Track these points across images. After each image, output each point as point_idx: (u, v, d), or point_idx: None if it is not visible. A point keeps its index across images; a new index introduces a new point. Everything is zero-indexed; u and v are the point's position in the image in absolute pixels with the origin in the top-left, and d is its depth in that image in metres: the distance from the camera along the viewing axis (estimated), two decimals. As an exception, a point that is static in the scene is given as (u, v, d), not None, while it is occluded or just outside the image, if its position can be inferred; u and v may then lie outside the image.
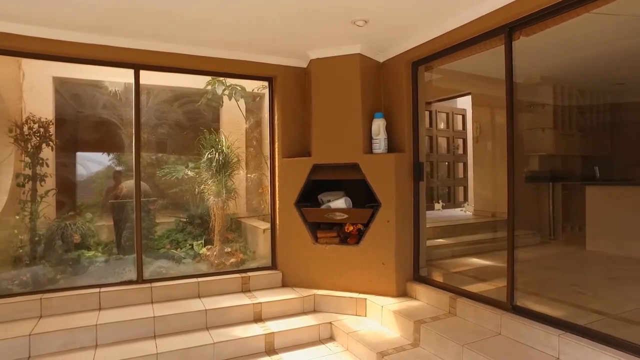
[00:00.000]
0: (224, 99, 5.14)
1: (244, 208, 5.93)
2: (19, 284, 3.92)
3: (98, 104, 5.63)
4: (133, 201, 4.00)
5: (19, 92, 5.06)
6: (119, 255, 4.62)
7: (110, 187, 6.17)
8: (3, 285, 3.83)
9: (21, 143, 4.12)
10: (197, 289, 3.99)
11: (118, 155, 6.33)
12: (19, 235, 4.46)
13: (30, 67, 5.12)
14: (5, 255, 4.21)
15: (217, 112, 6.18)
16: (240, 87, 5.00)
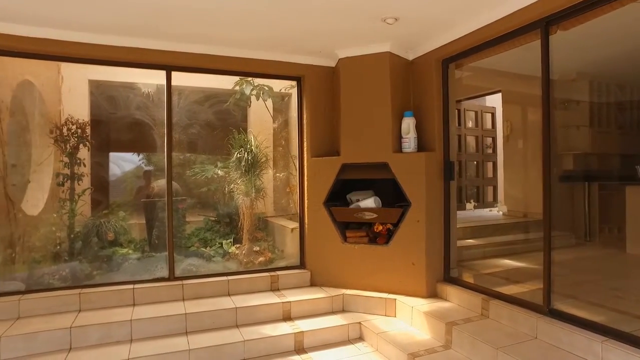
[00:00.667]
0: (252, 99, 5.19)
1: (271, 207, 5.98)
2: (59, 278, 4.08)
3: (131, 105, 5.79)
4: (164, 200, 4.09)
5: (58, 95, 5.27)
6: (150, 252, 4.74)
7: (140, 186, 6.34)
8: (45, 280, 3.99)
9: (61, 144, 4.27)
10: (227, 287, 4.04)
11: (148, 155, 6.49)
12: (59, 232, 4.64)
13: (68, 71, 5.31)
14: (46, 251, 4.38)
15: (245, 112, 6.26)
16: (267, 87, 5.04)
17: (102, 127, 5.93)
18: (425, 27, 3.63)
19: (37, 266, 4.22)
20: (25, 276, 3.97)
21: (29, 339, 3.11)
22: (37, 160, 4.80)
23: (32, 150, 4.70)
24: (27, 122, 4.56)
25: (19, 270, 4.00)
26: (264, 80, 4.92)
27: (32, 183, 4.65)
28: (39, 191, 4.73)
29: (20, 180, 4.42)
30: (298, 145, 4.56)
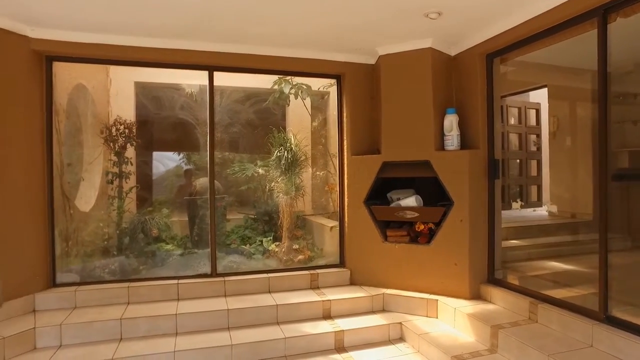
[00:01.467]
0: (291, 97, 5.22)
1: (309, 206, 6.00)
2: (108, 272, 4.27)
3: (174, 105, 5.98)
4: (206, 198, 4.19)
5: (107, 97, 5.51)
6: (192, 249, 4.86)
7: (182, 184, 6.53)
8: (96, 273, 4.19)
9: (110, 143, 4.45)
10: (268, 285, 4.09)
11: (189, 154, 6.67)
12: (108, 228, 4.85)
13: (116, 74, 5.55)
14: (97, 246, 4.59)
15: (284, 111, 6.31)
16: (305, 86, 5.06)
17: (147, 127, 6.14)
18: (470, 20, 3.53)
19: (89, 260, 4.43)
20: (78, 269, 4.18)
21: (85, 327, 3.28)
22: (88, 159, 5.03)
23: (84, 150, 4.93)
24: (80, 124, 4.78)
25: (73, 263, 4.22)
26: (302, 79, 4.94)
27: (84, 181, 4.88)
28: (90, 189, 4.96)
29: (74, 179, 4.64)
30: (338, 144, 4.55)
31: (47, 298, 3.58)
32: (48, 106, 3.75)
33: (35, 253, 3.62)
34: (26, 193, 3.55)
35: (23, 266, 3.51)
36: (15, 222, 3.46)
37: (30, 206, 3.58)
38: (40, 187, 3.68)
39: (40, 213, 3.67)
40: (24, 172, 3.53)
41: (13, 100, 3.45)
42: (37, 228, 3.64)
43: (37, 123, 3.66)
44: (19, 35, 3.48)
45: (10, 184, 3.43)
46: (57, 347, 3.19)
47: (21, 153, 3.52)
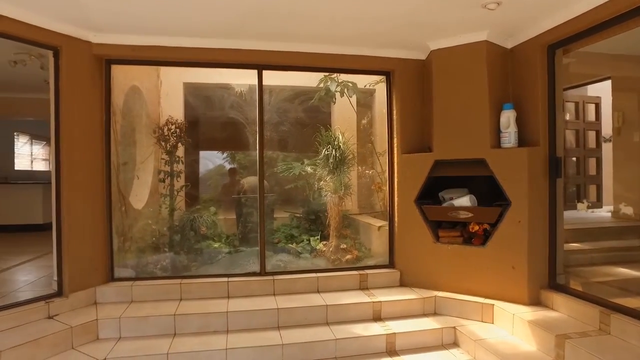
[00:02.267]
0: (337, 95, 5.17)
1: (355, 205, 5.93)
2: (160, 268, 4.38)
3: (222, 105, 6.08)
4: (253, 196, 4.21)
5: (157, 98, 5.69)
6: (240, 247, 4.91)
7: (225, 183, 6.64)
8: (149, 268, 4.31)
9: (162, 142, 4.58)
10: (317, 284, 4.05)
11: (232, 153, 6.79)
12: (159, 225, 5.00)
13: (166, 76, 5.72)
14: (148, 243, 4.73)
15: (329, 109, 6.28)
16: (351, 84, 4.99)
17: (195, 126, 6.30)
18: (531, 10, 3.33)
19: (142, 255, 4.57)
20: (133, 264, 4.33)
21: (142, 322, 3.37)
22: (141, 158, 5.21)
23: (136, 149, 5.11)
24: (134, 124, 4.96)
25: (127, 259, 4.37)
26: (348, 77, 4.87)
27: (137, 179, 5.05)
28: (142, 187, 5.13)
29: (127, 177, 4.82)
30: (387, 142, 4.45)
31: (106, 291, 3.73)
32: (107, 107, 3.90)
33: (96, 248, 3.78)
34: (88, 191, 3.71)
35: (86, 260, 3.67)
36: (79, 218, 3.62)
37: (91, 203, 3.74)
38: (100, 185, 3.83)
39: (100, 210, 3.83)
40: (87, 171, 3.70)
41: (78, 103, 3.62)
42: (98, 224, 3.80)
43: (98, 124, 3.82)
44: (83, 41, 3.64)
45: (76, 183, 3.59)
46: (117, 339, 3.30)
47: (85, 153, 3.68)
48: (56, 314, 3.38)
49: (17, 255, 5.46)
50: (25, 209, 7.77)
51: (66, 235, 3.54)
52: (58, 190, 3.55)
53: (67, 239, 3.54)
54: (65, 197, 3.54)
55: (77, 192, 3.60)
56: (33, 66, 5.20)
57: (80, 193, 3.64)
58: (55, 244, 3.58)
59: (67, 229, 3.54)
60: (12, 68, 5.73)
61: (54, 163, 3.58)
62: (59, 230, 3.55)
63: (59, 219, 3.55)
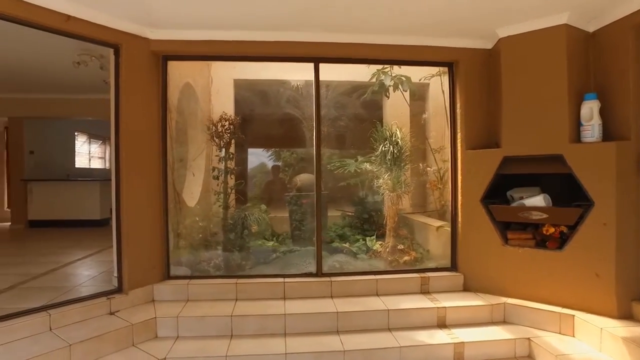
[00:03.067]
0: (390, 90, 4.95)
1: (407, 203, 5.68)
2: (213, 266, 4.34)
3: (273, 101, 6.01)
4: (307, 194, 4.07)
5: (208, 95, 5.69)
6: (294, 247, 4.80)
7: (269, 180, 6.57)
8: (202, 266, 4.28)
9: (216, 139, 4.53)
10: (375, 287, 3.86)
11: (277, 150, 6.71)
12: (212, 223, 4.98)
13: (217, 72, 5.71)
14: (201, 241, 4.72)
15: (381, 104, 6.07)
16: (405, 77, 4.76)
17: (246, 123, 6.26)
18: (623, -13, 2.97)
19: (195, 253, 4.56)
20: (187, 262, 4.31)
21: (199, 322, 3.32)
22: (193, 155, 5.22)
23: (189, 147, 5.11)
24: (187, 121, 4.96)
25: (182, 256, 4.36)
26: (403, 70, 4.64)
27: (190, 176, 5.06)
28: (195, 184, 5.14)
29: (182, 174, 4.82)
30: (450, 137, 4.17)
31: (163, 289, 3.71)
32: (163, 104, 3.88)
33: (154, 246, 3.77)
34: (147, 188, 3.71)
35: (144, 258, 3.67)
36: (137, 216, 3.63)
37: (149, 201, 3.74)
38: (157, 183, 3.82)
39: (157, 208, 3.82)
40: (144, 168, 3.70)
41: (137, 100, 3.63)
42: (155, 222, 3.79)
43: (155, 121, 3.81)
44: (141, 38, 3.64)
45: (134, 180, 3.60)
46: (175, 338, 3.26)
47: (142, 150, 3.68)
48: (117, 310, 3.39)
49: (79, 249, 5.64)
50: (85, 205, 8.10)
51: (125, 232, 3.55)
52: (117, 187, 3.57)
53: (127, 236, 3.55)
54: (124, 195, 3.55)
55: (135, 190, 3.61)
56: (93, 67, 5.34)
57: (138, 190, 3.64)
58: (115, 241, 3.61)
59: (126, 226, 3.55)
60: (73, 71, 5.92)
61: (113, 160, 3.60)
62: (118, 227, 3.57)
63: (118, 217, 3.57)
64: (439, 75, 4.77)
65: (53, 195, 8.09)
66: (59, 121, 9.04)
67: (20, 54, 5.24)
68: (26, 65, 5.97)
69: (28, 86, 7.34)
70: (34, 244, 6.35)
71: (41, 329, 2.99)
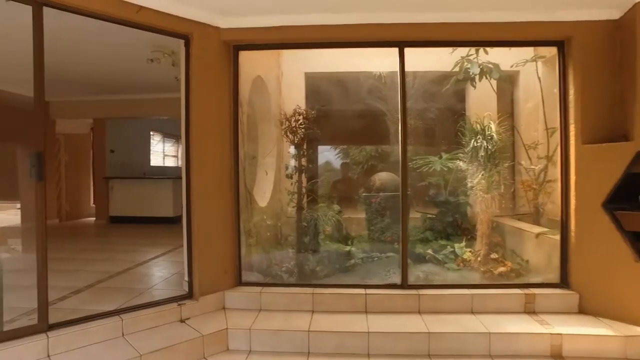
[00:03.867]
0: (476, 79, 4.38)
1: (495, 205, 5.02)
2: (285, 271, 4.05)
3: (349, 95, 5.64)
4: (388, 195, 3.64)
5: (279, 89, 5.44)
6: (373, 252, 4.37)
7: (337, 179, 6.18)
8: (273, 271, 4.00)
9: (289, 135, 4.24)
10: (470, 303, 3.33)
11: (346, 147, 6.32)
12: (283, 225, 4.71)
13: (287, 66, 5.44)
14: (273, 244, 4.46)
15: (462, 96, 5.46)
16: (493, 65, 4.16)
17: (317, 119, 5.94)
18: None
19: (267, 257, 4.30)
20: (258, 266, 4.06)
21: (273, 336, 3.02)
22: (264, 152, 4.98)
23: (259, 143, 4.88)
24: (259, 116, 4.73)
25: (253, 261, 4.12)
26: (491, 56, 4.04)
27: (262, 175, 4.82)
28: (266, 183, 4.89)
29: (252, 172, 4.60)
30: (560, 130, 3.51)
31: (235, 297, 3.46)
32: (234, 98, 3.64)
33: (225, 250, 3.54)
34: (218, 188, 3.49)
35: (215, 262, 3.45)
36: (208, 217, 3.41)
37: (220, 201, 3.51)
38: (228, 182, 3.58)
39: (229, 208, 3.59)
40: (217, 166, 3.48)
41: (208, 93, 3.43)
42: (226, 224, 3.56)
43: (226, 115, 3.57)
44: (212, 27, 3.42)
45: (205, 178, 3.39)
46: (248, 352, 2.99)
47: (215, 146, 3.47)
48: (187, 318, 3.20)
49: (152, 247, 5.67)
50: (159, 203, 8.29)
51: (196, 235, 3.35)
52: (188, 185, 3.38)
53: (197, 239, 3.35)
54: (194, 193, 3.35)
55: (206, 188, 3.40)
56: (165, 63, 5.31)
57: (209, 189, 3.42)
58: (185, 244, 3.42)
59: (196, 228, 3.35)
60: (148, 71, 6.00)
61: (184, 156, 3.42)
62: (189, 229, 3.38)
63: (189, 218, 3.38)
64: (534, 60, 4.14)
65: (131, 192, 8.38)
66: (136, 121, 9.37)
67: (99, 58, 5.39)
68: (105, 68, 6.16)
69: (108, 88, 7.64)
70: (113, 239, 6.54)
71: (114, 334, 2.86)
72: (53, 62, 2.75)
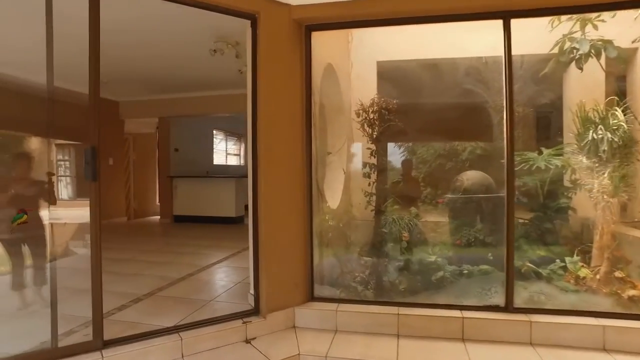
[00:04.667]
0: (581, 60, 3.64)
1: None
2: (359, 281, 3.55)
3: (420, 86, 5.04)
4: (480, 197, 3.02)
5: (348, 81, 4.95)
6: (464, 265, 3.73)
7: (397, 180, 5.56)
8: (345, 281, 3.52)
9: (367, 128, 3.73)
10: (602, 337, 2.62)
11: (412, 145, 5.73)
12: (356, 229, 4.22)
13: (357, 54, 4.94)
14: (348, 251, 3.98)
15: (559, 80, 4.67)
16: (601, 42, 3.41)
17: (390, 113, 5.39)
18: None
19: (337, 264, 3.82)
20: (328, 275, 3.59)
21: (354, 368, 2.53)
22: (333, 148, 4.51)
23: (327, 138, 4.42)
24: (329, 108, 4.27)
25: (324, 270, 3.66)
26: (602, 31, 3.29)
27: (332, 173, 4.36)
28: (337, 182, 4.42)
29: (322, 170, 4.15)
30: None
31: (306, 314, 3.01)
32: (307, 85, 3.20)
33: (296, 258, 3.11)
34: (289, 188, 3.06)
35: (285, 274, 3.03)
36: (278, 222, 3.00)
37: (291, 204, 3.08)
38: (300, 181, 3.14)
39: (301, 212, 3.14)
40: (288, 164, 3.06)
41: (277, 79, 3.01)
42: (298, 229, 3.12)
43: (298, 106, 3.13)
44: (282, 4, 3.00)
45: (275, 178, 2.98)
46: (323, 384, 2.52)
47: (286, 142, 3.05)
48: (253, 338, 2.79)
49: (214, 249, 5.42)
50: (222, 202, 8.13)
51: (264, 242, 2.95)
52: (255, 185, 2.99)
53: (265, 246, 2.95)
54: (262, 194, 2.95)
55: (275, 189, 2.99)
56: (229, 55, 5.04)
57: (279, 189, 3.01)
58: (252, 251, 3.03)
59: (264, 233, 2.94)
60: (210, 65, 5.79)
61: (251, 153, 3.03)
62: (255, 235, 2.99)
63: (255, 221, 2.98)
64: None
65: (194, 191, 8.31)
66: (199, 119, 9.34)
67: (162, 51, 5.27)
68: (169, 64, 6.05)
69: (173, 87, 7.60)
70: (175, 240, 6.40)
71: (173, 354, 2.53)
72: (118, 57, 2.49)
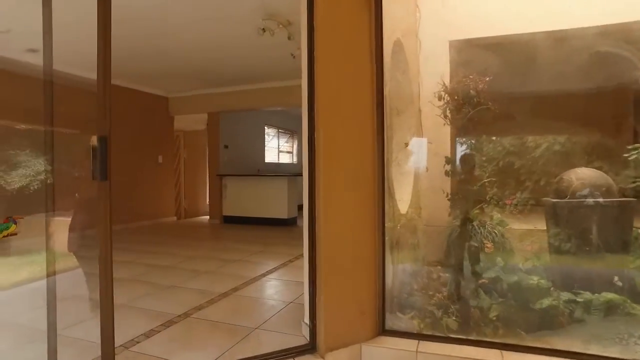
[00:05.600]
0: None
1: None
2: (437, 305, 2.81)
3: (518, 67, 4.19)
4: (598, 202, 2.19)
5: (417, 64, 4.21)
6: (577, 289, 2.89)
7: (460, 179, 4.69)
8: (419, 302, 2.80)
9: (448, 115, 2.99)
10: None
11: (476, 140, 4.86)
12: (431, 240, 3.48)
13: (425, 33, 4.19)
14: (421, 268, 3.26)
15: None
16: None
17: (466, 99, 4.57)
18: None
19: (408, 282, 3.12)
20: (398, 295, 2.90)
21: None
22: (400, 140, 3.79)
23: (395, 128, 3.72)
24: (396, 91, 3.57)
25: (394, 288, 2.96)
26: None
27: (399, 172, 3.65)
28: (406, 182, 3.71)
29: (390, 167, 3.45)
30: None
31: (377, 355, 2.33)
32: (379, 63, 2.52)
33: (363, 279, 2.44)
34: (354, 189, 2.40)
35: (349, 298, 2.37)
36: (339, 231, 2.35)
37: (358, 209, 2.41)
38: (370, 180, 2.47)
39: (369, 219, 2.46)
40: (354, 159, 2.40)
41: (342, 58, 2.36)
42: (366, 240, 2.45)
43: (367, 88, 2.46)
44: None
45: (337, 176, 2.33)
46: None
47: (351, 132, 2.39)
48: (310, 384, 2.17)
49: (264, 256, 4.90)
50: (273, 203, 7.63)
51: (322, 258, 2.30)
52: (311, 186, 2.36)
53: (324, 264, 2.30)
54: (321, 198, 2.31)
55: (337, 191, 2.34)
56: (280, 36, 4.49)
57: (342, 192, 2.35)
58: (307, 269, 2.41)
59: (323, 247, 2.30)
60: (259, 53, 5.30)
61: (306, 146, 2.40)
62: (312, 249, 2.35)
63: (312, 233, 2.35)
64: None
65: (244, 190, 7.88)
66: (250, 115, 8.93)
67: (209, 39, 4.92)
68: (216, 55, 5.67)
69: (222, 80, 7.22)
70: (223, 244, 5.93)
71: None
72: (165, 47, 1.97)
